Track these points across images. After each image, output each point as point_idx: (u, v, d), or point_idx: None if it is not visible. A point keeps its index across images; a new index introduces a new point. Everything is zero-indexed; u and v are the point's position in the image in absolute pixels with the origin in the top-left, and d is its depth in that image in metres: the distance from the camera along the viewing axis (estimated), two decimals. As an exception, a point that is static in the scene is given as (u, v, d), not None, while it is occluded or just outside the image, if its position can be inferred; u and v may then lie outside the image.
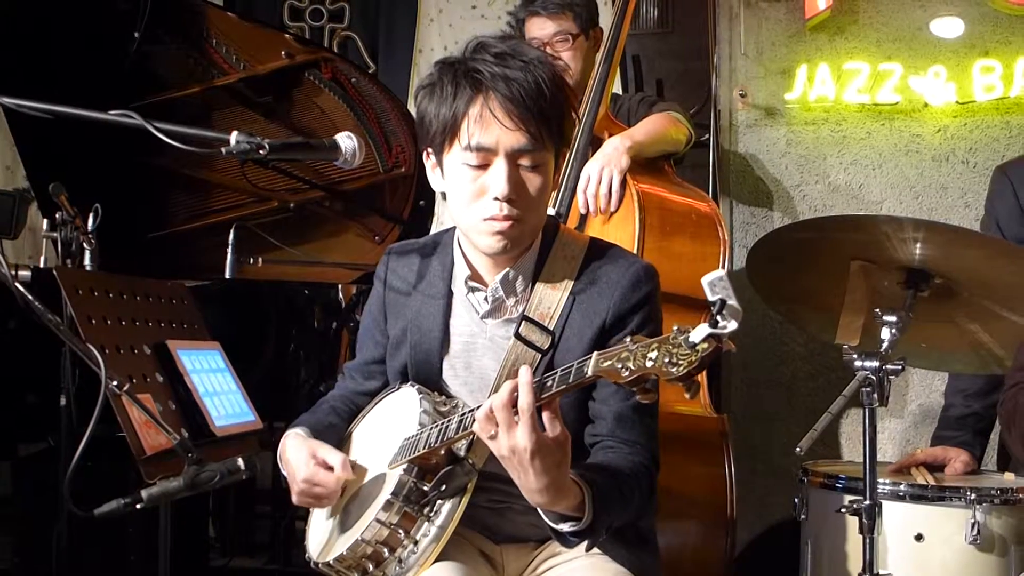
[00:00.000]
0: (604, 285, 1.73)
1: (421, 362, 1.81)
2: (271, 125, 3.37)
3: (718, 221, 2.75)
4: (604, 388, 1.72)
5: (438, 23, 4.33)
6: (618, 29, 2.89)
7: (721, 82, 3.73)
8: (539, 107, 1.63)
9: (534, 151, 1.65)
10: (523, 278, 1.76)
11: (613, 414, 1.71)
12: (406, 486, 1.61)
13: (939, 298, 2.16)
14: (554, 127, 1.66)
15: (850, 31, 3.60)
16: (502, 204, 1.65)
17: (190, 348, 2.27)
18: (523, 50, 1.67)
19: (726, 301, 1.25)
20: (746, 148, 3.70)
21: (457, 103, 1.65)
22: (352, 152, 1.88)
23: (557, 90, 1.66)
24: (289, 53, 3.27)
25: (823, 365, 3.58)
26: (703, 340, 1.26)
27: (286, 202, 3.46)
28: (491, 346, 1.77)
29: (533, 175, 1.67)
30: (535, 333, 1.71)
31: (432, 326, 1.81)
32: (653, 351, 1.31)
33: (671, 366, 1.28)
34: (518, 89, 1.62)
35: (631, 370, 1.33)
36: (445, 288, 1.82)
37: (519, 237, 1.71)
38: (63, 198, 2.41)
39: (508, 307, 1.77)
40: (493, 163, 1.65)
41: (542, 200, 1.70)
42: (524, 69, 1.63)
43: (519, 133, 1.63)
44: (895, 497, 2.22)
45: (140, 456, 1.91)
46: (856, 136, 3.60)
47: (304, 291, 3.08)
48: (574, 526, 1.54)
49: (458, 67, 1.66)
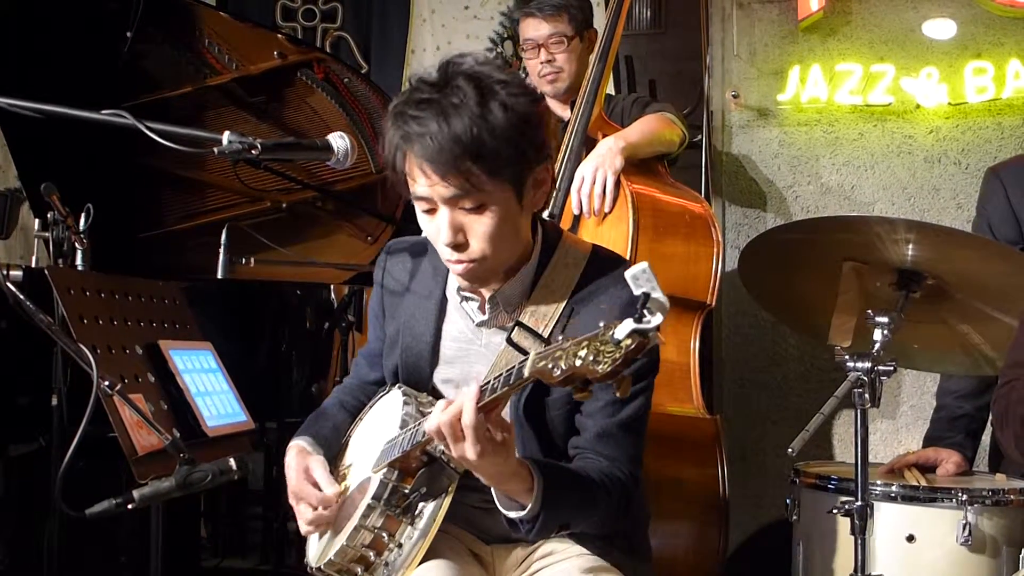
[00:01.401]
0: (604, 298, 1.71)
1: (411, 365, 1.81)
2: (263, 125, 3.37)
3: (711, 222, 2.76)
4: (591, 403, 1.70)
5: (431, 23, 4.33)
6: (612, 30, 2.90)
7: (714, 83, 3.74)
8: (456, 158, 1.55)
9: (468, 195, 1.59)
10: (520, 290, 1.75)
11: (596, 429, 1.70)
12: (387, 489, 1.61)
13: (931, 299, 2.16)
14: (490, 166, 1.57)
15: (843, 32, 3.61)
16: (450, 250, 1.64)
17: (182, 348, 2.27)
18: (452, 88, 1.58)
19: (650, 295, 1.23)
20: (739, 149, 3.71)
21: (393, 156, 1.64)
22: (344, 152, 1.88)
23: (485, 127, 1.55)
24: (282, 53, 3.26)
25: (815, 366, 3.59)
26: (627, 336, 1.24)
27: (278, 202, 3.46)
28: (485, 353, 1.76)
29: (478, 216, 1.62)
30: (528, 339, 1.69)
31: (424, 330, 1.81)
32: (583, 349, 1.29)
33: (596, 364, 1.26)
34: (430, 145, 1.55)
35: (562, 369, 1.31)
36: (439, 291, 1.81)
37: (486, 275, 1.70)
38: (55, 198, 2.40)
39: (505, 317, 1.76)
40: (438, 209, 1.63)
41: (499, 237, 1.63)
42: (441, 116, 1.55)
43: (442, 186, 1.59)
44: (887, 498, 2.22)
45: (132, 456, 1.91)
46: (848, 137, 3.61)
47: (296, 291, 3.07)
48: (520, 513, 1.56)
49: (394, 114, 1.63)
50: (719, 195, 3.70)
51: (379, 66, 4.44)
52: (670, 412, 2.54)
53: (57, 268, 2.38)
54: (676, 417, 2.57)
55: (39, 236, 2.52)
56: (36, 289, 1.93)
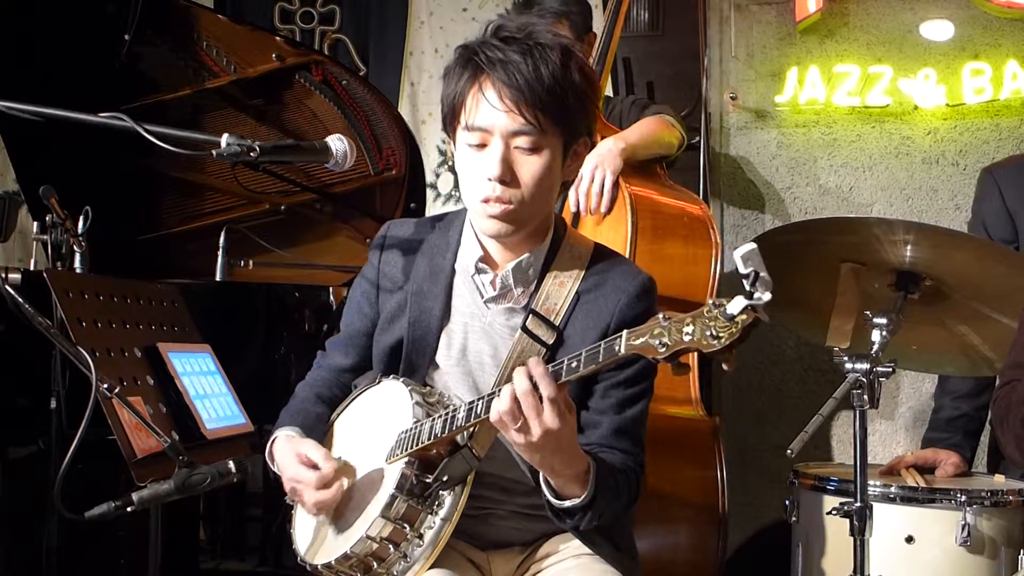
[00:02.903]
0: (610, 290, 1.75)
1: (418, 339, 1.80)
2: (262, 127, 3.36)
3: (709, 224, 2.76)
4: (601, 400, 1.73)
5: (428, 26, 4.33)
6: (610, 32, 2.90)
7: (712, 85, 3.74)
8: (535, 93, 1.62)
9: (530, 134, 1.65)
10: (534, 270, 1.77)
11: (612, 425, 1.72)
12: (409, 480, 1.61)
13: (929, 300, 2.17)
14: (556, 114, 1.65)
15: (840, 34, 3.62)
16: (495, 184, 1.66)
17: (181, 351, 2.27)
18: (535, 34, 1.67)
19: (759, 273, 1.30)
20: (737, 151, 3.72)
21: (460, 84, 1.68)
22: (343, 154, 1.88)
23: (564, 78, 1.64)
24: (280, 55, 3.26)
25: (814, 367, 3.59)
26: (741, 312, 1.30)
27: (277, 204, 3.45)
28: (488, 331, 1.77)
29: (531, 157, 1.67)
30: (541, 328, 1.72)
31: (434, 304, 1.80)
32: (688, 325, 1.35)
33: (712, 339, 1.32)
34: (514, 74, 1.62)
35: (667, 345, 1.37)
36: (449, 266, 1.82)
37: (516, 221, 1.71)
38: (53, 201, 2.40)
39: (515, 295, 1.77)
40: (490, 143, 1.67)
41: (542, 185, 1.69)
42: (527, 53, 1.63)
43: (512, 115, 1.64)
44: (886, 499, 2.23)
45: (131, 459, 1.90)
46: (846, 138, 3.62)
47: (295, 293, 3.06)
48: (575, 501, 1.59)
49: (469, 49, 1.69)
50: (717, 197, 3.70)
51: (377, 68, 4.45)
52: (668, 414, 2.54)
53: (55, 271, 2.37)
54: (674, 419, 2.57)
55: (37, 239, 2.52)
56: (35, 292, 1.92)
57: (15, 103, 1.94)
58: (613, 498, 1.65)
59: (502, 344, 1.75)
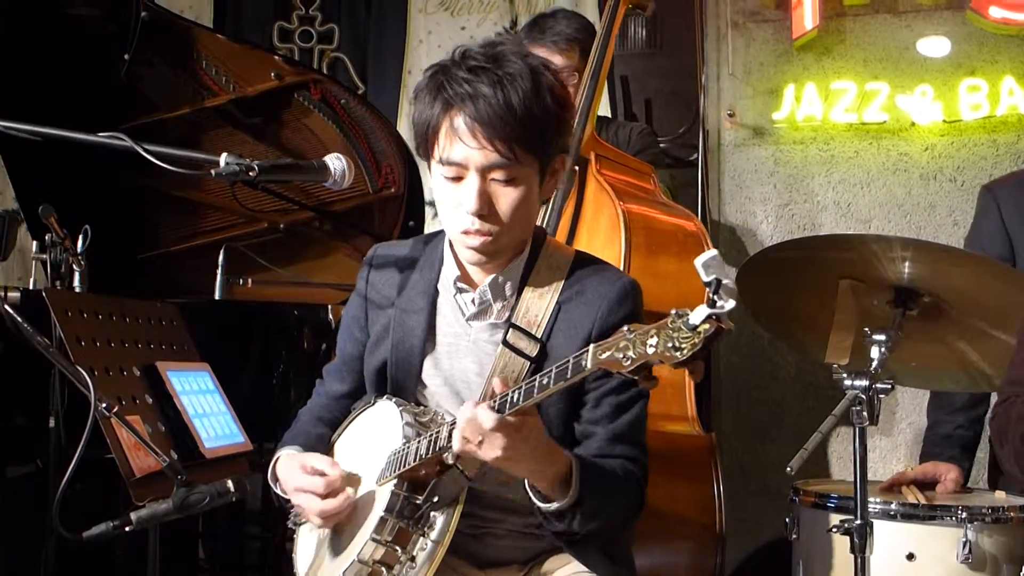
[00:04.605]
0: (591, 296, 1.74)
1: (402, 360, 1.80)
2: (260, 146, 3.37)
3: (704, 240, 2.76)
4: (594, 409, 1.73)
5: (427, 44, 4.35)
6: (604, 46, 2.91)
7: (709, 102, 3.76)
8: (507, 125, 1.60)
9: (506, 167, 1.63)
10: (511, 284, 1.76)
11: (607, 434, 1.72)
12: (399, 501, 1.60)
13: (928, 317, 2.17)
14: (531, 143, 1.63)
15: (837, 51, 3.64)
16: (473, 219, 1.66)
17: (180, 369, 2.27)
18: (505, 61, 1.63)
19: (721, 280, 1.26)
20: (734, 167, 3.73)
21: (431, 115, 1.66)
22: (341, 173, 1.89)
23: (536, 105, 1.62)
24: (279, 74, 3.27)
25: (813, 384, 3.59)
26: (703, 321, 1.26)
27: (276, 223, 3.45)
28: (474, 349, 1.77)
29: (508, 189, 1.65)
30: (523, 340, 1.71)
31: (416, 324, 1.80)
32: (652, 337, 1.31)
33: (674, 351, 1.28)
34: (484, 108, 1.60)
35: (632, 358, 1.33)
36: (431, 287, 1.82)
37: (496, 252, 1.72)
38: (52, 220, 2.40)
39: (494, 311, 1.77)
40: (466, 177, 1.65)
41: (521, 214, 1.68)
42: (497, 84, 1.60)
43: (486, 151, 1.62)
44: (886, 516, 2.22)
45: (129, 478, 1.90)
46: (844, 155, 3.63)
47: (293, 312, 3.07)
48: (560, 503, 1.58)
49: (438, 77, 1.66)
50: (714, 213, 3.71)
51: (376, 87, 4.47)
52: (663, 430, 2.54)
53: (55, 290, 2.38)
54: (670, 435, 2.57)
55: (37, 258, 2.52)
56: (34, 311, 1.92)
57: (15, 122, 1.95)
58: (606, 497, 1.64)
59: (487, 361, 1.75)
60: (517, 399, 1.48)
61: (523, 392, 1.48)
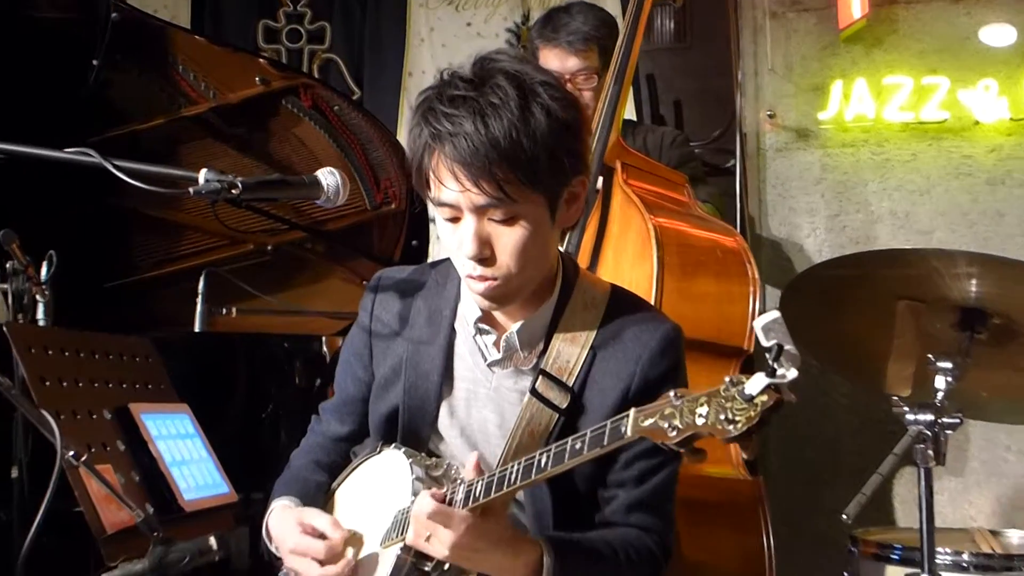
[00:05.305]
0: (630, 344, 1.72)
1: (415, 408, 1.79)
2: (245, 159, 3.39)
3: (746, 257, 2.75)
4: (623, 471, 1.71)
5: (429, 43, 4.37)
6: (630, 44, 2.90)
7: (747, 101, 3.77)
8: (490, 164, 1.55)
9: (499, 206, 1.60)
10: (540, 327, 1.75)
11: (627, 500, 1.70)
12: (404, 567, 1.59)
13: (999, 340, 2.15)
14: (525, 176, 1.58)
15: (889, 42, 3.64)
16: (474, 264, 1.64)
17: (156, 412, 2.27)
18: (489, 87, 1.59)
19: (783, 346, 1.24)
20: (776, 175, 3.73)
21: (419, 153, 1.64)
22: (335, 189, 1.89)
23: (526, 133, 1.57)
24: (264, 79, 3.29)
25: (870, 418, 3.57)
26: (761, 392, 1.24)
27: (262, 245, 3.47)
28: (495, 397, 1.76)
29: (509, 229, 1.62)
30: (553, 390, 1.70)
31: (431, 368, 1.79)
32: (703, 406, 1.29)
33: (727, 423, 1.26)
34: (464, 147, 1.56)
35: (679, 428, 1.31)
36: (448, 324, 1.81)
37: (507, 296, 1.69)
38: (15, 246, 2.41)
39: (520, 357, 1.76)
40: (463, 218, 1.63)
41: (528, 254, 1.64)
42: (476, 116, 1.56)
43: (473, 192, 1.59)
44: (957, 568, 2.20)
45: (100, 535, 1.90)
46: (900, 159, 3.62)
47: (284, 344, 3.08)
48: None
49: (423, 109, 1.64)
50: (755, 227, 3.71)
51: (373, 91, 4.49)
52: (706, 474, 2.52)
53: (16, 324, 2.38)
54: (712, 479, 2.55)
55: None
56: (-7, 348, 1.94)
57: (-29, 139, 1.96)
58: None
59: (509, 411, 1.74)
60: (545, 463, 1.47)
61: (552, 456, 1.46)
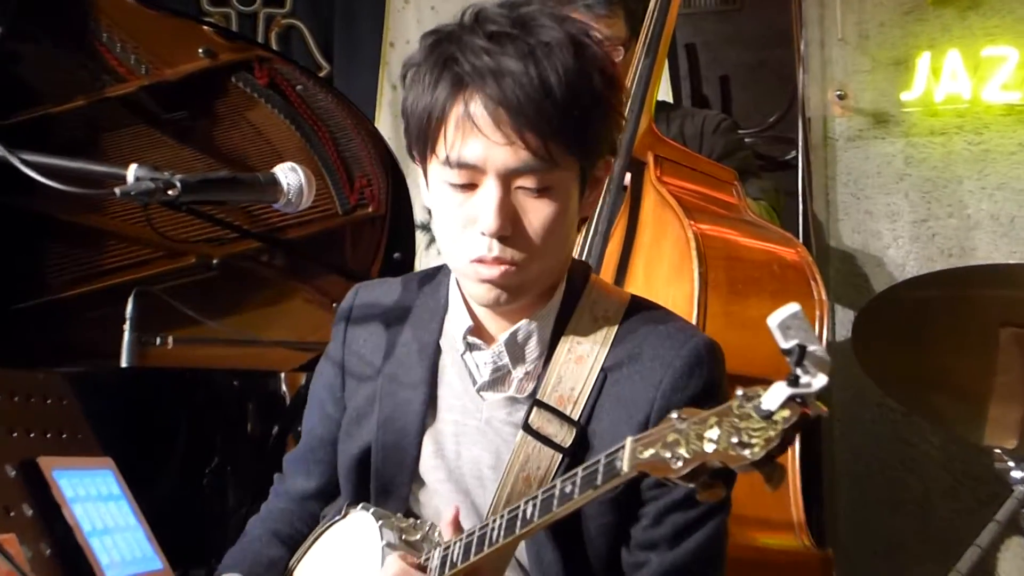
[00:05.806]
0: (649, 364, 1.70)
1: (391, 445, 1.79)
2: (185, 151, 3.40)
3: (810, 273, 2.75)
4: (652, 528, 1.69)
5: (415, 7, 4.39)
6: (665, 6, 2.91)
7: (811, 79, 3.77)
8: (543, 114, 1.57)
9: (538, 171, 1.61)
10: (538, 340, 1.74)
11: (661, 566, 1.68)
12: None
13: None
14: (574, 139, 1.61)
15: (989, 5, 3.64)
16: (491, 242, 1.63)
17: (72, 467, 2.27)
18: (536, 26, 1.62)
19: (807, 347, 1.21)
20: (848, 170, 3.73)
21: (435, 100, 1.63)
22: (297, 191, 1.89)
23: (581, 87, 1.60)
24: (210, 51, 3.30)
25: (966, 475, 3.56)
26: (782, 406, 1.22)
27: (206, 258, 3.48)
28: (486, 431, 1.76)
29: (540, 202, 1.63)
30: (552, 424, 1.69)
31: (412, 395, 1.80)
32: (711, 428, 1.27)
33: (741, 447, 1.24)
34: (513, 89, 1.57)
35: (685, 459, 1.29)
36: (433, 342, 1.81)
37: (520, 287, 1.69)
38: None
39: (514, 380, 1.75)
40: (482, 184, 1.63)
41: (556, 236, 1.66)
42: (527, 57, 1.58)
43: (513, 148, 1.59)
44: (1076, 663, 2.19)
45: (1, 623, 1.90)
46: (1003, 149, 3.62)
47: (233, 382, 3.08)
48: None
49: (444, 47, 1.65)
50: (822, 236, 3.71)
51: (345, 67, 4.51)
52: (760, 544, 2.52)
53: (-102, 357, 2.40)
54: (769, 551, 2.55)
55: None
56: None
57: None
58: None
59: (504, 448, 1.73)
60: (531, 514, 1.47)
61: (539, 504, 1.46)
